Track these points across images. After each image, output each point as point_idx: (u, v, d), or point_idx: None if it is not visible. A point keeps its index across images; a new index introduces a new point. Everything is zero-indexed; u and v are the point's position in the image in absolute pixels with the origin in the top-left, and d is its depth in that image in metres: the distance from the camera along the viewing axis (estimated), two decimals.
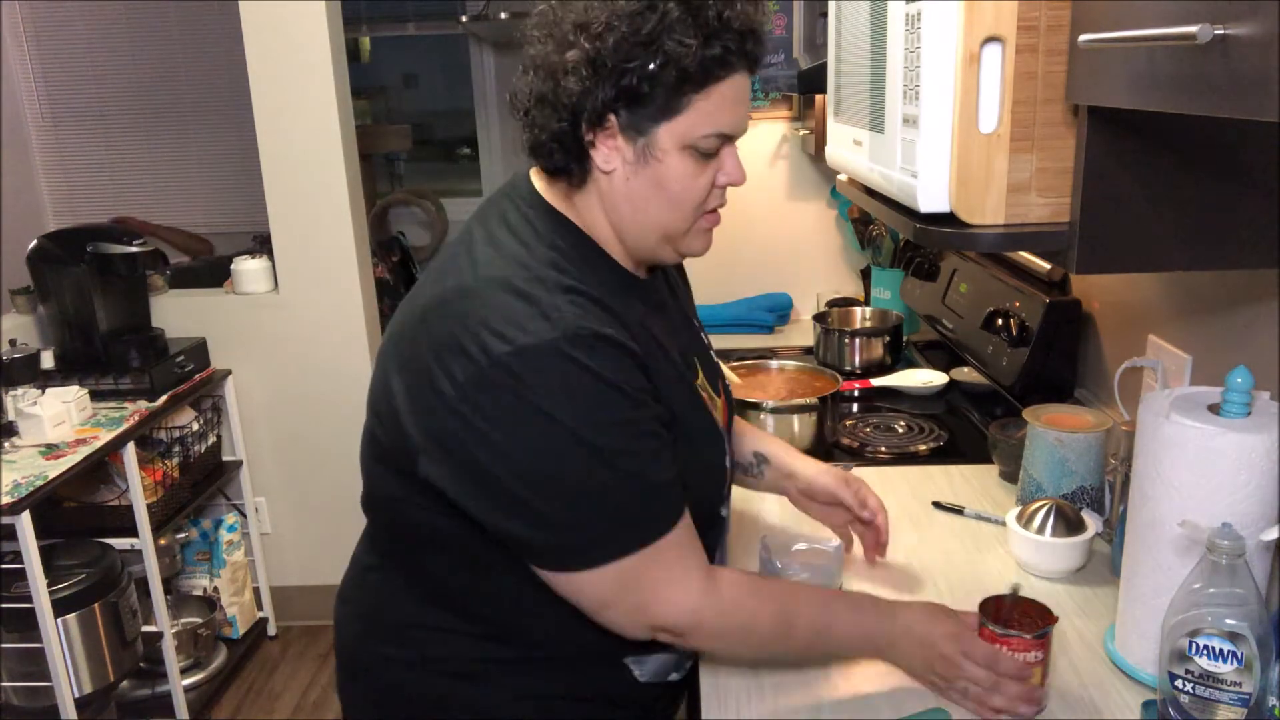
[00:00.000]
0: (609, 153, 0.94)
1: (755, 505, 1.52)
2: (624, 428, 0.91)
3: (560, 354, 0.87)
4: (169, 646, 2.42)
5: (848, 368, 2.14)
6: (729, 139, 0.96)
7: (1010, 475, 1.54)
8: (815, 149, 2.32)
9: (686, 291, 1.24)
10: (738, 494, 1.55)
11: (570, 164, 0.95)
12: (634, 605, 0.94)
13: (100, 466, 2.33)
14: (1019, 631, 0.98)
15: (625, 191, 0.95)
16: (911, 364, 2.15)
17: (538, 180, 1.01)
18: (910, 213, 1.01)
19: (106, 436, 2.21)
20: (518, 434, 0.87)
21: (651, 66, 0.88)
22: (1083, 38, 0.81)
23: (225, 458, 2.80)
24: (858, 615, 1.05)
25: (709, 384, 1.11)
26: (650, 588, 0.94)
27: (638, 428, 0.92)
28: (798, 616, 1.01)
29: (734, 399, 1.26)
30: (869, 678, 1.08)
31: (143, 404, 2.41)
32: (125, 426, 2.27)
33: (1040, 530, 1.26)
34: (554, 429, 0.87)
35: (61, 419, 2.23)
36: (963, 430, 1.80)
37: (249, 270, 2.72)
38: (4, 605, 2.04)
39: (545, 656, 1.04)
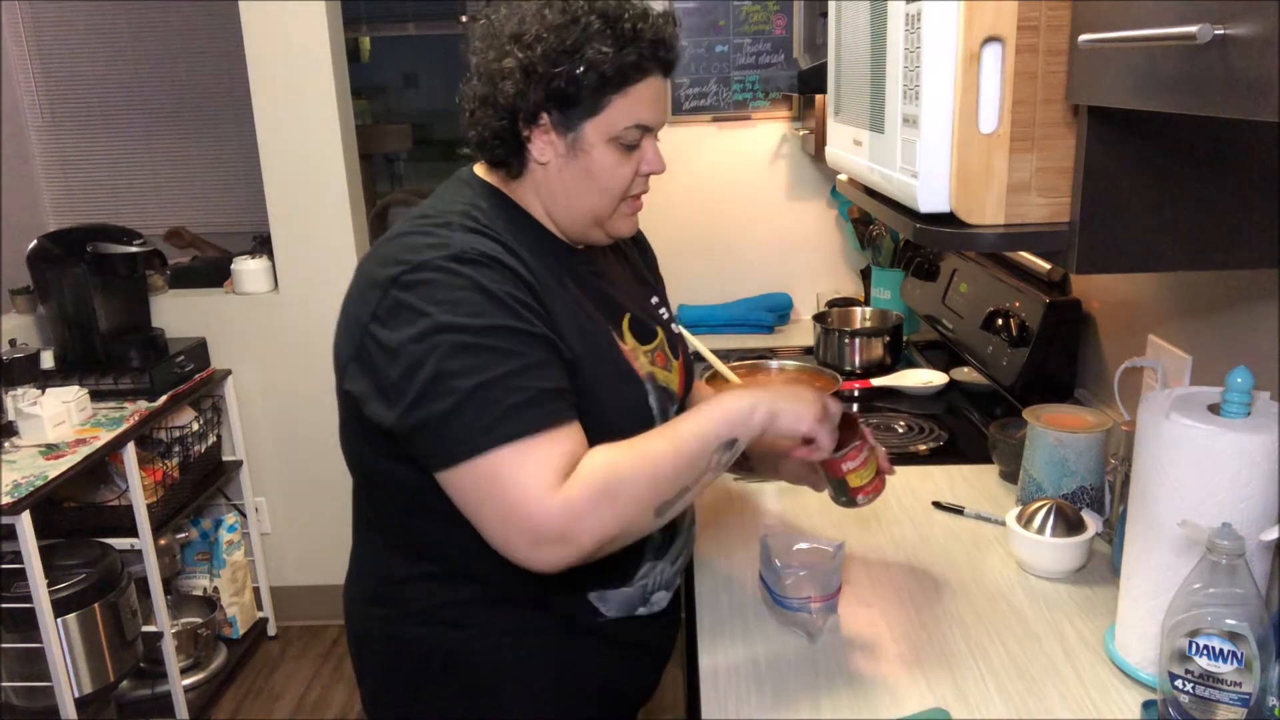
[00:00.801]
0: (544, 146, 1.06)
1: (755, 505, 1.52)
2: (498, 332, 0.97)
3: (443, 268, 0.98)
4: (169, 646, 2.42)
5: (848, 368, 2.14)
6: (649, 130, 1.08)
7: (1010, 475, 1.54)
8: (815, 149, 2.32)
9: (651, 271, 1.34)
10: (739, 492, 1.55)
11: (510, 157, 1.07)
12: (502, 506, 0.94)
13: (100, 466, 2.33)
14: (851, 442, 1.15)
15: (559, 180, 1.08)
16: (911, 364, 2.15)
17: (480, 169, 1.14)
18: (910, 213, 1.01)
19: (106, 436, 2.21)
20: (403, 334, 0.96)
21: (575, 72, 1.01)
22: (1083, 38, 0.81)
23: (225, 458, 2.80)
24: (700, 411, 1.04)
25: (668, 349, 1.21)
26: (518, 486, 0.93)
27: (512, 334, 0.97)
28: (649, 444, 1.00)
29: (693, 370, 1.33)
30: (870, 677, 1.08)
31: (143, 404, 2.41)
32: (125, 426, 2.27)
33: (1040, 530, 1.26)
34: (432, 329, 0.95)
35: (61, 419, 2.23)
36: (963, 430, 1.80)
37: (249, 270, 2.72)
38: (4, 605, 2.04)
39: (511, 594, 1.10)
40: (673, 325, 1.27)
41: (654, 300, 1.27)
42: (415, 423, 0.97)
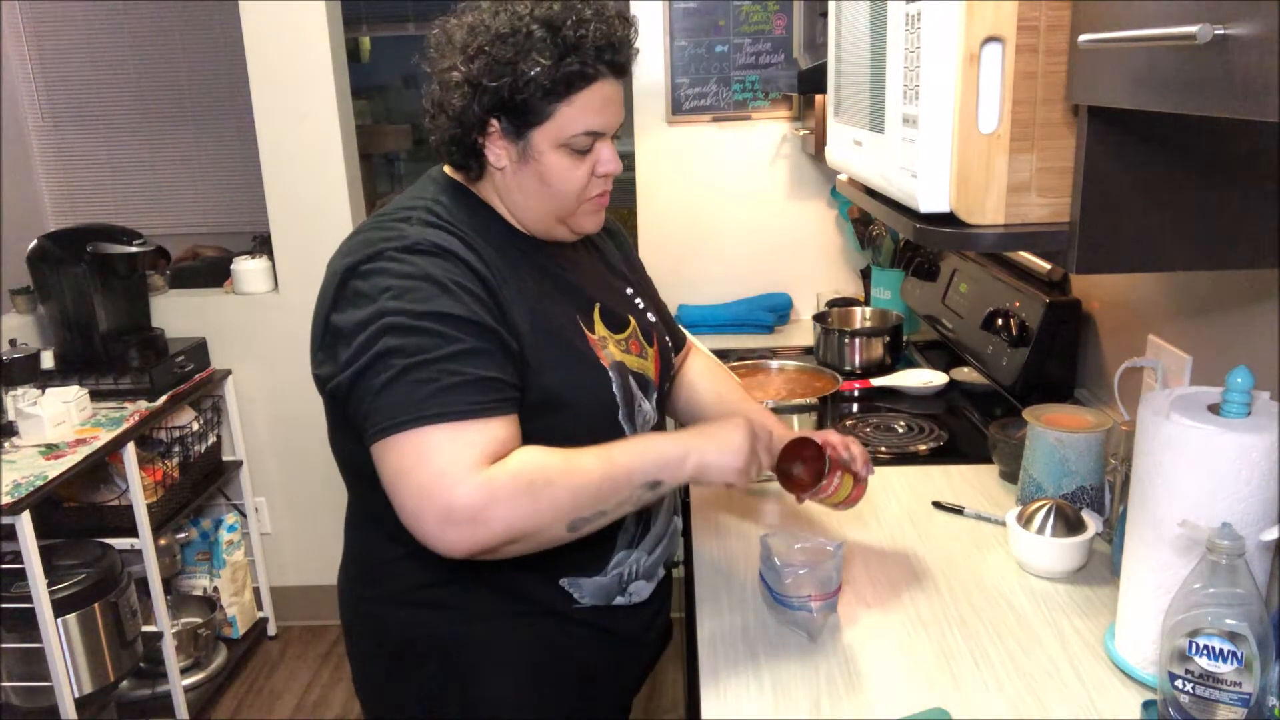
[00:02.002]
0: (499, 152, 1.08)
1: (755, 505, 1.52)
2: (440, 318, 1.00)
3: (395, 257, 1.02)
4: (169, 646, 2.42)
5: (848, 368, 2.14)
6: (600, 135, 1.09)
7: (1010, 475, 1.54)
8: (815, 149, 2.32)
9: (627, 261, 1.34)
10: (739, 492, 1.55)
11: (469, 160, 1.10)
12: (422, 481, 0.96)
13: (100, 466, 2.33)
14: (819, 481, 1.19)
15: (515, 183, 1.10)
16: (911, 364, 2.15)
17: (448, 167, 1.16)
18: (910, 213, 1.01)
19: (106, 436, 2.21)
20: (354, 317, 1.01)
21: (516, 84, 1.02)
22: (1083, 38, 0.81)
23: (225, 458, 2.80)
24: (636, 444, 1.08)
25: (642, 337, 1.23)
26: (439, 463, 0.96)
27: (455, 320, 1.00)
28: (581, 459, 1.02)
29: (671, 360, 1.33)
30: (870, 677, 1.08)
31: (143, 404, 2.41)
32: (125, 426, 2.27)
33: (1040, 530, 1.26)
34: (379, 312, 1.00)
35: (61, 419, 2.23)
36: (963, 430, 1.80)
37: (249, 270, 2.72)
38: (4, 605, 2.04)
39: (486, 579, 1.12)
40: (649, 315, 1.29)
41: (628, 291, 1.29)
42: (356, 396, 1.01)
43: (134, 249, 2.45)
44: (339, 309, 1.03)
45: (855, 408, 1.96)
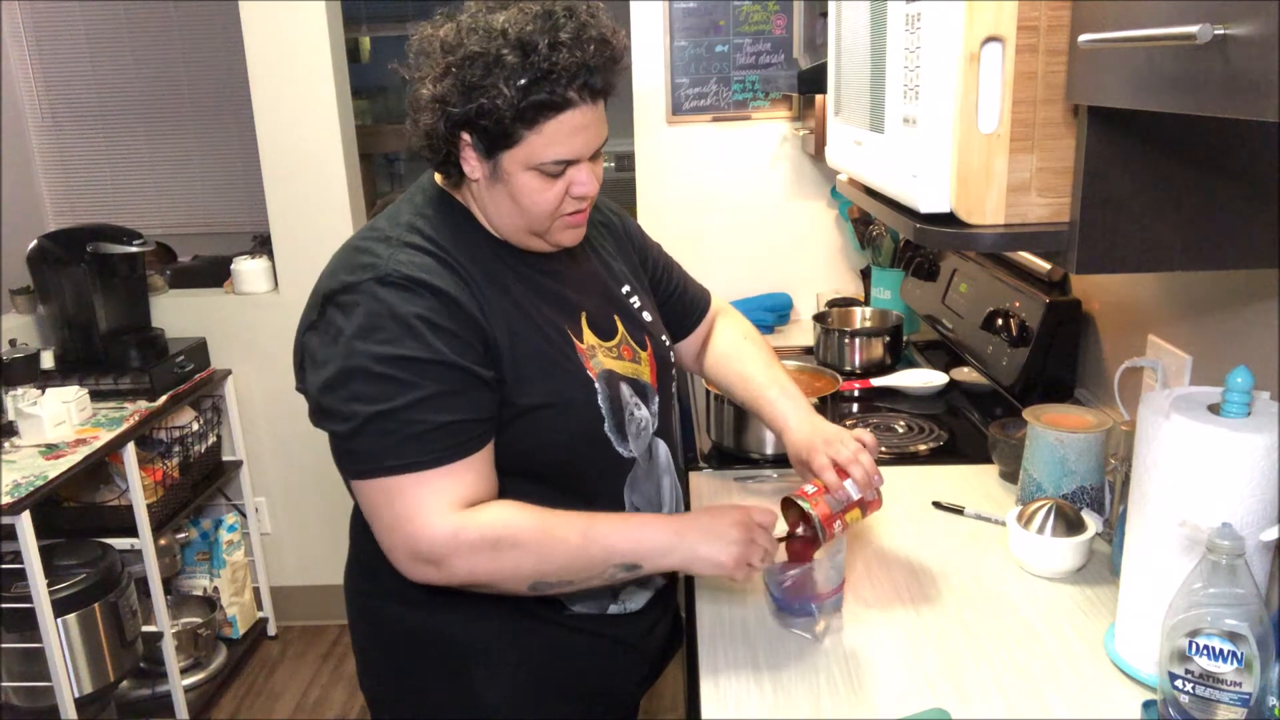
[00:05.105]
0: (473, 165, 1.07)
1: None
2: (402, 363, 1.01)
3: (366, 291, 1.03)
4: (169, 646, 2.42)
5: (848, 368, 2.14)
6: (571, 163, 1.06)
7: (1010, 475, 1.54)
8: (815, 149, 2.31)
9: (626, 256, 1.32)
10: (740, 493, 1.55)
11: (447, 168, 1.09)
12: (392, 520, 1.04)
13: (100, 466, 2.33)
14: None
15: (488, 197, 1.09)
16: (911, 364, 2.15)
17: (439, 175, 1.15)
18: (910, 213, 1.01)
19: (106, 436, 2.21)
20: (323, 352, 1.05)
21: (479, 109, 1.00)
22: (1083, 38, 0.81)
23: (225, 458, 2.80)
24: (624, 524, 1.10)
25: (633, 341, 1.21)
26: (406, 508, 1.02)
27: (416, 364, 1.02)
28: (561, 526, 1.05)
29: (667, 358, 1.29)
30: (870, 677, 1.08)
31: (143, 404, 2.41)
32: (125, 426, 2.27)
33: (1040, 530, 1.26)
34: (345, 352, 1.02)
35: (61, 419, 2.23)
36: (963, 430, 1.80)
37: (249, 270, 2.72)
38: (4, 605, 2.04)
39: None
40: (644, 315, 1.27)
41: (624, 290, 1.26)
42: (325, 430, 1.07)
43: (134, 249, 2.45)
44: (315, 329, 1.07)
45: (855, 408, 1.96)
